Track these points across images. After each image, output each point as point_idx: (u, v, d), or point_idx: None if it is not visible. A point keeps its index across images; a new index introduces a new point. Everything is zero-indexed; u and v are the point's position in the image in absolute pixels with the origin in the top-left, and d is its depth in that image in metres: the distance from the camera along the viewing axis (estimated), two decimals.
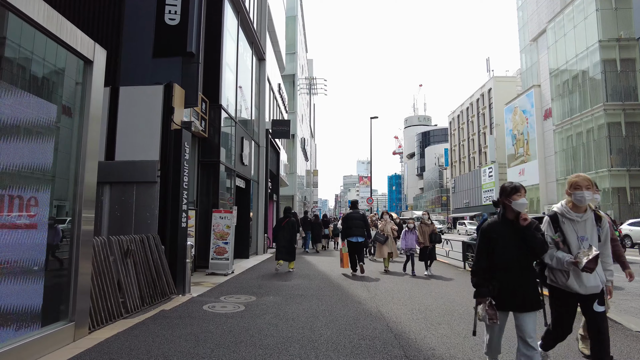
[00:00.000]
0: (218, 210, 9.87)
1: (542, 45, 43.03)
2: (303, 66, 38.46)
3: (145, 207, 7.09)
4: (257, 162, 15.16)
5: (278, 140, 19.79)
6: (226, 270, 9.54)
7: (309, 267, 11.50)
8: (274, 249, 17.22)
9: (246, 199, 13.58)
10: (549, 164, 41.79)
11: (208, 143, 10.44)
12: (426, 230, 9.98)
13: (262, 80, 15.70)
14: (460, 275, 9.91)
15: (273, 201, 18.50)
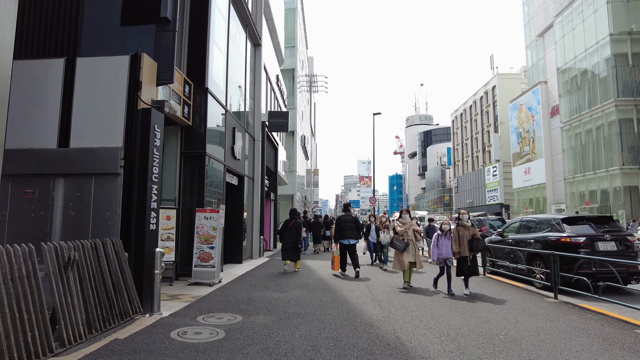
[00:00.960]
0: (202, 209, 8.44)
1: (549, 40, 41.59)
2: (303, 62, 37.07)
3: (106, 205, 5.68)
4: (252, 157, 13.75)
5: (276, 135, 18.38)
6: (212, 279, 8.12)
7: (308, 274, 10.07)
8: (272, 252, 15.96)
9: (239, 197, 12.17)
10: (556, 162, 40.35)
11: (192, 132, 9.02)
12: (465, 234, 7.56)
13: (257, 68, 14.30)
14: (512, 293, 7.78)
15: (270, 200, 17.08)
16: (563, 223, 8.84)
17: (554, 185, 40.58)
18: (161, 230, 8.12)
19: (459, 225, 7.66)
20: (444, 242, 7.71)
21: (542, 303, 6.76)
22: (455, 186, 64.25)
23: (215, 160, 9.77)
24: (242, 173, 12.07)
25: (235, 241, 11.96)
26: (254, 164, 13.73)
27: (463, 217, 7.77)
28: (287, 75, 29.44)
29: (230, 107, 10.88)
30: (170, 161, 8.89)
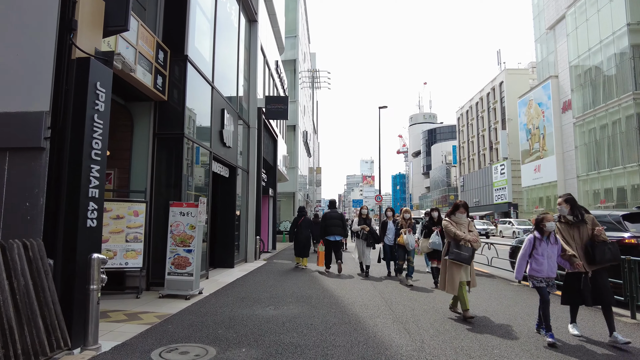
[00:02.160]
0: (177, 203, 6.73)
1: (560, 33, 39.73)
2: (305, 54, 35.37)
3: (24, 192, 3.98)
4: (247, 146, 12.05)
5: (275, 126, 16.68)
6: (189, 290, 6.41)
7: (310, 281, 8.36)
8: (270, 254, 14.32)
9: (230, 192, 10.47)
10: (568, 159, 38.49)
11: (168, 110, 7.32)
12: (576, 236, 4.58)
13: (253, 47, 12.60)
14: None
15: (269, 197, 15.38)
16: (624, 220, 7.10)
17: (566, 183, 38.69)
18: (127, 229, 6.44)
19: (562, 221, 4.74)
20: (546, 251, 4.49)
21: (618, 325, 5.01)
22: (461, 185, 62.39)
23: (198, 144, 8.06)
24: (233, 164, 10.37)
25: (226, 242, 10.28)
26: (248, 155, 12.02)
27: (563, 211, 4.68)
28: (288, 68, 27.75)
29: (218, 85, 9.18)
30: (141, 145, 7.20)
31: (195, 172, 8.16)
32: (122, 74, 5.64)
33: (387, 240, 9.10)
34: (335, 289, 7.41)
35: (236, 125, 10.69)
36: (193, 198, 7.79)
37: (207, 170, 8.57)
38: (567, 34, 37.76)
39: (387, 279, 8.83)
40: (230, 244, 10.28)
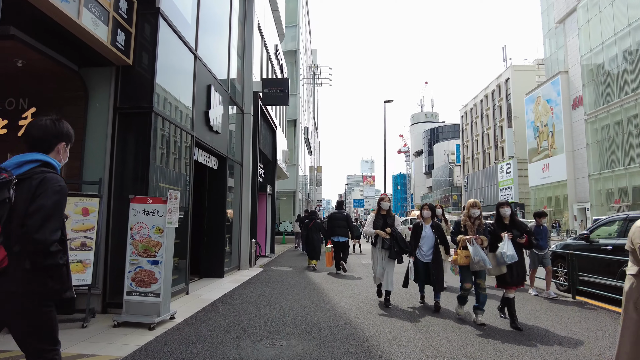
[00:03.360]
0: (140, 198, 5.00)
1: (571, 27, 38.04)
2: (307, 47, 33.66)
3: None
4: (241, 135, 10.33)
5: (274, 116, 14.97)
6: (154, 315, 4.70)
7: (317, 299, 6.63)
8: (268, 259, 12.63)
9: (219, 187, 8.76)
10: (578, 157, 36.79)
11: (134, 77, 5.61)
12: None
13: (249, 22, 10.89)
14: None
15: (267, 194, 13.65)
16: None
17: (576, 183, 37.02)
18: (72, 233, 4.72)
19: None
20: None
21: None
22: (465, 185, 60.69)
23: (175, 125, 6.34)
24: (223, 153, 8.65)
25: (215, 247, 8.56)
26: (242, 145, 10.30)
27: None
28: (289, 60, 26.05)
29: (204, 55, 7.46)
30: (97, 122, 5.49)
31: (171, 160, 6.44)
32: (51, 10, 3.94)
33: (420, 255, 5.98)
34: (350, 312, 5.69)
35: (227, 109, 8.98)
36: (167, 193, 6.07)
37: (187, 158, 6.84)
38: (578, 27, 36.07)
39: (434, 316, 5.46)
40: (220, 249, 8.58)
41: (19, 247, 1.76)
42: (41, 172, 1.86)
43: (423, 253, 5.96)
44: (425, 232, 6.01)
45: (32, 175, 1.83)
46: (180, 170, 6.71)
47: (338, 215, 9.82)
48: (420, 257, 5.96)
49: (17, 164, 1.86)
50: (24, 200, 1.77)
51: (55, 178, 1.87)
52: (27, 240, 1.73)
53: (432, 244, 5.96)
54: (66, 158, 2.10)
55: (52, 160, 1.97)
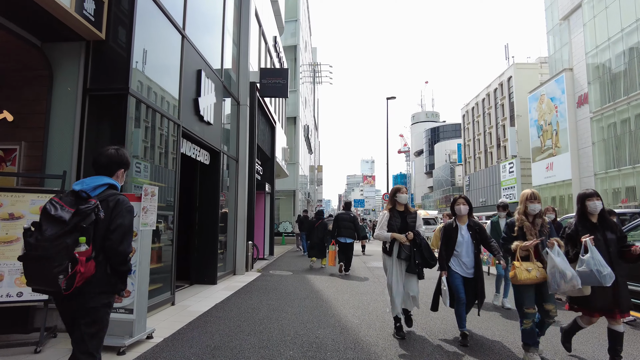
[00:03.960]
0: None
1: (576, 23, 37.24)
2: (307, 43, 32.84)
3: None
4: (236, 128, 9.50)
5: (273, 110, 14.15)
6: (126, 336, 3.87)
7: (321, 309, 5.80)
8: (267, 261, 11.79)
9: (212, 184, 7.92)
10: (584, 156, 35.99)
11: (108, 54, 4.79)
12: None
13: (245, 7, 10.06)
14: None
15: (265, 193, 12.82)
16: None
17: (582, 182, 36.19)
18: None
19: None
20: None
21: None
22: (467, 184, 59.86)
23: (158, 111, 5.50)
24: (216, 147, 7.82)
25: (207, 251, 7.73)
26: (238, 139, 9.46)
27: None
28: (289, 56, 25.24)
29: (193, 36, 6.63)
30: (63, 106, 4.66)
31: (154, 152, 5.61)
32: None
33: (459, 267, 4.30)
34: (360, 329, 4.86)
35: (220, 99, 8.15)
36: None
37: (172, 150, 6.01)
38: (584, 23, 35.28)
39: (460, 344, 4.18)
40: (212, 252, 7.74)
41: (102, 257, 2.17)
42: (113, 195, 2.26)
43: (462, 265, 4.26)
44: (461, 235, 4.33)
45: (107, 198, 2.23)
46: (164, 164, 5.88)
47: (345, 216, 9.72)
48: (461, 270, 4.26)
49: (93, 187, 2.24)
50: (103, 219, 2.14)
51: (125, 200, 2.29)
52: (112, 252, 2.16)
53: (472, 252, 4.28)
54: (123, 181, 2.51)
55: (115, 182, 2.37)
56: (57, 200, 2.11)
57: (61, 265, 1.95)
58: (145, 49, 5.12)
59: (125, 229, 2.23)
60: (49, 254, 1.94)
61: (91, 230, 2.09)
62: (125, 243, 2.22)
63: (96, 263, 2.14)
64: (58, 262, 1.94)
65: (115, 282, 2.27)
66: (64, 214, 2.04)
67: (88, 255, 2.07)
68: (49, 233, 1.97)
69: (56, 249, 1.95)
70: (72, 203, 2.12)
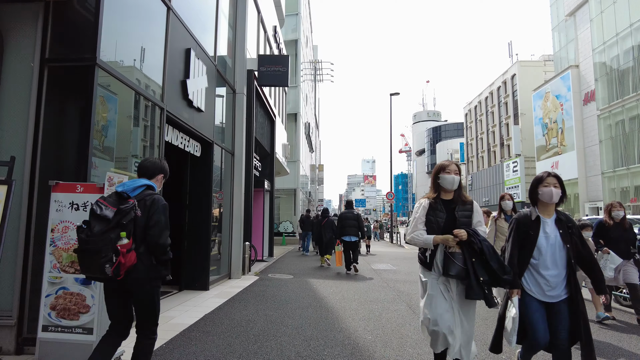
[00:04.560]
0: (66, 185, 3.35)
1: (582, 19, 36.40)
2: (308, 39, 32.03)
3: None
4: (232, 118, 8.68)
5: (273, 103, 13.33)
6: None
7: (324, 324, 4.98)
8: (266, 263, 10.96)
9: (203, 179, 7.09)
10: (590, 155, 35.13)
11: (71, 17, 3.97)
12: None
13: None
14: None
15: (264, 191, 12.00)
16: None
17: (588, 181, 35.37)
18: None
19: None
20: None
21: None
22: (470, 184, 59.01)
23: (135, 90, 4.67)
24: (208, 137, 6.99)
25: (198, 253, 6.91)
26: (234, 130, 8.63)
27: None
28: (290, 51, 24.43)
29: (180, 10, 5.81)
30: (16, 79, 3.85)
31: (131, 138, 4.78)
32: None
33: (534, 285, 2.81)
34: (375, 348, 4.04)
35: (214, 84, 7.33)
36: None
37: (154, 137, 5.18)
38: (591, 19, 34.44)
39: None
40: (204, 254, 6.93)
41: (143, 249, 2.51)
42: (149, 194, 2.62)
43: (542, 284, 2.76)
44: (545, 235, 2.81)
45: (144, 197, 2.59)
46: (144, 153, 5.05)
47: (349, 215, 9.65)
48: (536, 291, 2.78)
49: (132, 188, 2.58)
50: (141, 216, 2.50)
51: (160, 198, 2.64)
52: (153, 245, 2.53)
53: (563, 263, 2.77)
54: (161, 186, 2.90)
55: (152, 184, 2.73)
56: (102, 202, 2.43)
57: (107, 256, 2.28)
58: (119, 15, 4.31)
59: (162, 224, 2.55)
60: (97, 247, 2.27)
61: (131, 226, 2.41)
62: (164, 236, 2.54)
63: (137, 254, 2.46)
64: (104, 253, 2.27)
65: (160, 270, 2.61)
66: (108, 213, 2.35)
67: (128, 248, 2.38)
68: (97, 229, 2.30)
69: (102, 242, 2.28)
70: (115, 203, 2.44)
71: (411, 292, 7.10)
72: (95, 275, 2.38)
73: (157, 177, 2.81)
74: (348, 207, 10.04)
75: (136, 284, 2.51)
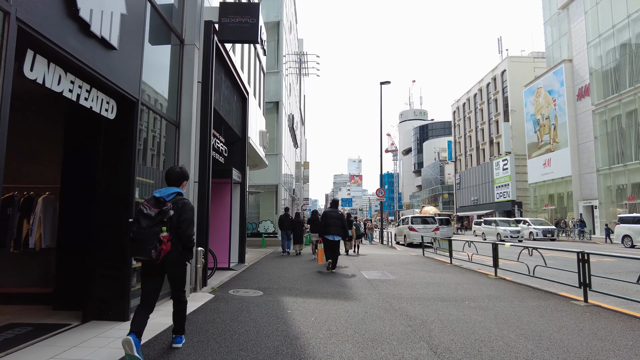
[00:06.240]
0: None
1: (576, 11, 35.00)
2: (292, 23, 29.69)
3: None
4: (178, 78, 6.30)
5: (245, 79, 10.98)
6: None
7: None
8: (234, 272, 8.52)
9: (121, 155, 4.70)
10: (584, 151, 33.71)
11: None
12: None
13: None
14: None
15: (232, 182, 9.58)
16: None
17: (582, 178, 33.94)
18: None
19: None
20: None
21: None
22: (457, 182, 57.49)
23: None
24: (127, 91, 4.58)
25: (109, 266, 4.55)
26: (180, 94, 6.26)
27: None
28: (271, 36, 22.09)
29: None
30: None
31: None
32: None
33: None
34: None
35: (143, 19, 4.97)
36: None
37: None
38: (585, 11, 33.02)
39: None
40: (120, 266, 4.56)
41: (175, 240, 3.38)
42: (180, 199, 3.49)
43: None
44: None
45: (177, 201, 3.45)
46: None
47: (333, 214, 9.51)
48: None
49: (167, 194, 3.45)
50: (173, 215, 3.35)
51: (188, 202, 3.54)
52: (182, 235, 3.41)
53: None
54: (185, 188, 3.76)
55: (181, 190, 3.61)
56: (146, 204, 3.33)
57: (153, 244, 3.19)
58: None
59: (189, 221, 3.46)
60: (145, 237, 3.19)
61: (169, 223, 3.30)
62: (190, 229, 3.46)
63: (172, 243, 3.34)
64: (151, 242, 3.19)
65: (186, 255, 3.55)
66: (151, 212, 3.27)
67: (167, 238, 3.28)
68: (144, 224, 3.21)
69: (150, 234, 3.20)
70: (155, 204, 3.35)
71: (427, 318, 4.89)
72: (142, 257, 3.21)
73: (182, 184, 3.70)
74: (333, 206, 10.05)
75: (171, 265, 3.41)
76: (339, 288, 7.15)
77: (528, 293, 6.80)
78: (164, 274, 3.46)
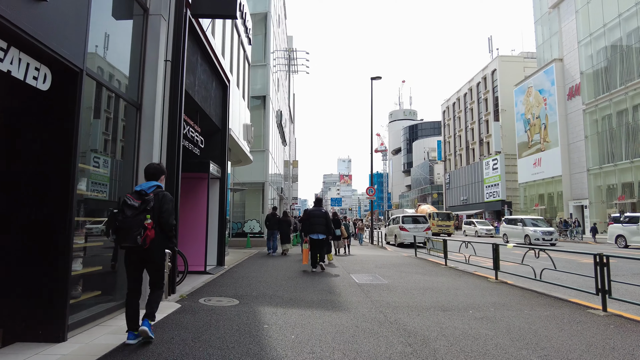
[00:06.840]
0: None
1: (566, 10, 34.79)
2: (280, 17, 28.81)
3: None
4: (141, 51, 5.42)
5: (226, 67, 10.11)
6: None
7: None
8: (209, 276, 7.58)
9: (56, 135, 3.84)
10: (575, 151, 33.51)
11: None
12: None
13: None
14: None
15: (210, 177, 8.68)
16: None
17: (572, 178, 33.74)
18: None
19: None
20: None
21: None
22: (447, 182, 57.19)
23: None
24: (68, 58, 3.72)
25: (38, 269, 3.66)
26: (142, 70, 5.37)
27: None
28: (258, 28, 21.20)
29: None
30: None
31: None
32: None
33: None
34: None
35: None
36: None
37: None
38: (576, 10, 32.80)
39: None
40: (59, 271, 3.68)
41: (158, 228, 3.62)
42: (161, 191, 3.75)
43: None
44: None
45: (157, 193, 3.69)
46: None
47: (317, 213, 9.46)
48: None
49: (149, 187, 3.70)
50: (156, 205, 3.60)
51: (168, 194, 3.78)
52: (165, 224, 3.66)
53: None
54: (163, 182, 4.01)
55: (160, 184, 3.87)
56: (129, 196, 3.60)
57: (138, 231, 3.43)
58: None
59: (170, 211, 3.70)
60: (131, 225, 3.45)
61: (151, 212, 3.53)
62: (171, 219, 3.70)
63: (155, 231, 3.55)
64: (136, 229, 3.44)
65: (167, 242, 3.79)
66: (134, 203, 3.53)
67: (151, 226, 3.49)
68: (129, 213, 3.49)
69: (134, 222, 3.46)
70: (137, 197, 3.60)
71: (429, 334, 4.11)
72: (128, 244, 3.44)
73: (161, 178, 3.96)
74: (317, 204, 9.95)
75: (153, 252, 3.59)
76: (326, 295, 6.34)
77: (536, 300, 6.08)
78: (145, 264, 3.69)
